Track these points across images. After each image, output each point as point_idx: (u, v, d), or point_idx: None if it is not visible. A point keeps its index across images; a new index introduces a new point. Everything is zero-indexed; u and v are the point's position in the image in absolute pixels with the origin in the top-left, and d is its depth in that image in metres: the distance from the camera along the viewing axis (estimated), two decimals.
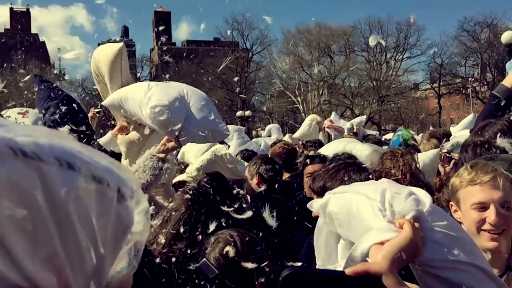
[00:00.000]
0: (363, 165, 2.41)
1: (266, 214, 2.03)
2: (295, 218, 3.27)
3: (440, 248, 1.07)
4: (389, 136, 8.56)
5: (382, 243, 1.03)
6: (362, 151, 3.88)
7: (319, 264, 1.35)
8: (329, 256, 1.35)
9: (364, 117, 9.13)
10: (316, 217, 1.40)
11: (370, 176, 2.27)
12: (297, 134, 8.02)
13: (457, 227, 1.17)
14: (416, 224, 1.05)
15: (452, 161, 4.25)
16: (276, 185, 3.39)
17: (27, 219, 0.35)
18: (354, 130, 7.26)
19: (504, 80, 2.91)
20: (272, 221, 1.99)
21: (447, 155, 4.44)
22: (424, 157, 3.73)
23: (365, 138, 6.43)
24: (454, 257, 1.07)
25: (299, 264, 1.69)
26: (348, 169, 2.30)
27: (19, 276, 0.36)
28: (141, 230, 0.48)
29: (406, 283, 0.95)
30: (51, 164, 0.36)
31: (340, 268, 1.29)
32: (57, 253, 0.38)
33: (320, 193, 2.22)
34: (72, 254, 0.39)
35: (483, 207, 1.78)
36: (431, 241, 1.07)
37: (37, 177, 0.35)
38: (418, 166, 2.94)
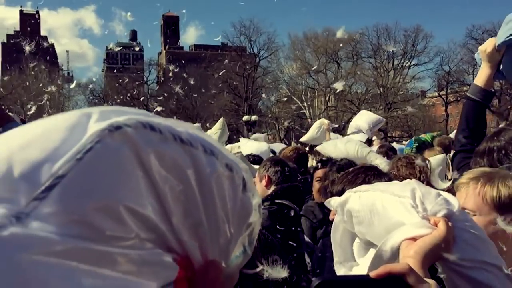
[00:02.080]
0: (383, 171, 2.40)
1: None
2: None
3: (469, 248, 1.09)
4: (396, 145, 8.47)
5: (413, 239, 1.05)
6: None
7: (336, 261, 1.37)
8: (344, 253, 1.36)
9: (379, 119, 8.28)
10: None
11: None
12: (304, 138, 8.04)
13: (481, 230, 1.18)
14: (449, 224, 1.07)
15: None
16: (282, 189, 3.35)
17: (181, 191, 0.40)
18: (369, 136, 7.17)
19: (475, 79, 2.79)
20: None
21: None
22: (432, 162, 3.70)
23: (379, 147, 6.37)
24: (481, 257, 1.09)
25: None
26: (368, 174, 2.29)
27: (175, 240, 0.41)
28: (256, 220, 0.52)
29: (427, 279, 0.96)
30: (199, 149, 0.43)
31: (356, 267, 1.31)
32: (202, 223, 0.43)
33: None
34: (212, 227, 0.44)
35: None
36: (461, 240, 1.09)
37: (189, 159, 0.41)
38: (429, 173, 2.92)
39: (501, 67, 2.65)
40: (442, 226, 1.06)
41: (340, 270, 1.35)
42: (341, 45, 50.91)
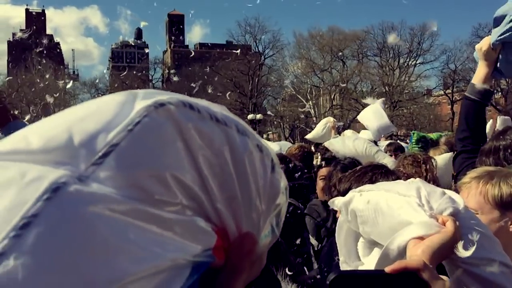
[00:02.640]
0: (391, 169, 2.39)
1: None
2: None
3: (475, 246, 1.09)
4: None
5: (421, 238, 1.05)
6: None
7: (341, 260, 1.37)
8: (349, 253, 1.36)
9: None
10: None
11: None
12: (309, 135, 8.05)
13: (486, 227, 1.19)
14: (457, 222, 1.07)
15: None
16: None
17: (217, 165, 0.43)
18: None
19: (473, 78, 2.74)
20: None
21: None
22: (437, 160, 3.68)
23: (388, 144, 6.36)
24: (487, 255, 1.10)
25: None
26: (375, 172, 2.29)
27: (213, 210, 0.44)
28: (283, 202, 0.54)
29: (441, 276, 0.96)
30: (233, 129, 0.46)
31: (361, 267, 1.32)
32: (237, 196, 0.46)
33: (345, 195, 2.22)
34: (245, 201, 0.47)
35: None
36: (467, 238, 1.09)
37: (224, 137, 0.44)
38: (435, 172, 2.91)
39: (498, 65, 2.63)
40: (450, 225, 1.06)
41: (346, 269, 1.35)
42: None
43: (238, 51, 50.21)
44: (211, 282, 0.44)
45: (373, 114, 7.59)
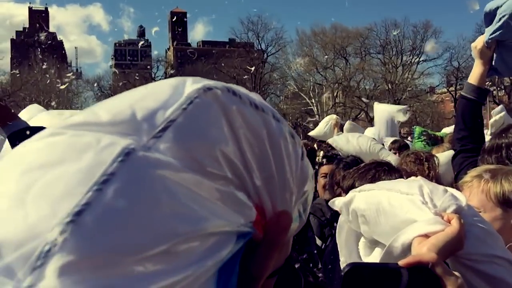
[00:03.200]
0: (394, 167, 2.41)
1: None
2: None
3: (479, 242, 1.10)
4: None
5: (426, 236, 1.05)
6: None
7: (342, 261, 1.36)
8: (350, 253, 1.36)
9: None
10: None
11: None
12: (313, 133, 8.08)
13: (489, 224, 1.19)
14: (462, 220, 1.07)
15: None
16: None
17: (257, 146, 0.47)
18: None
19: (469, 77, 2.74)
20: None
21: None
22: (440, 158, 3.68)
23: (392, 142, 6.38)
24: (491, 251, 1.10)
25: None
26: (378, 169, 2.30)
27: (253, 188, 0.47)
28: (310, 189, 0.56)
29: (454, 272, 0.97)
30: (269, 115, 0.50)
31: None
32: (273, 176, 0.49)
33: (349, 191, 2.23)
34: (280, 182, 0.50)
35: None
36: (471, 235, 1.09)
37: (262, 121, 0.48)
38: (438, 170, 2.91)
39: (493, 64, 2.63)
40: (456, 223, 1.06)
41: None
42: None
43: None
44: (250, 254, 0.46)
45: (385, 124, 7.67)
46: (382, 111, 8.29)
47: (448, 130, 7.26)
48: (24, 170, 0.37)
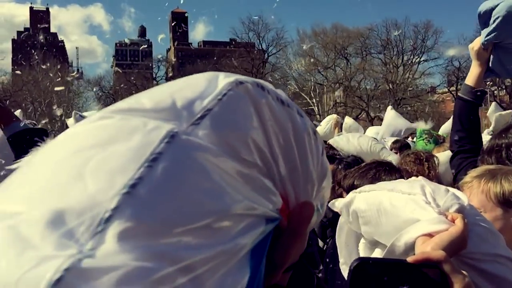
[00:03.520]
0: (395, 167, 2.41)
1: None
2: None
3: (482, 241, 1.10)
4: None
5: (429, 235, 1.05)
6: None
7: (342, 262, 1.35)
8: (350, 255, 1.36)
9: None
10: None
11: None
12: None
13: (490, 223, 1.20)
14: (465, 219, 1.07)
15: None
16: None
17: (282, 138, 0.49)
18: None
19: (466, 79, 2.76)
20: None
21: None
22: (440, 158, 3.68)
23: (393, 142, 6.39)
24: (493, 250, 1.10)
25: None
26: (379, 169, 2.30)
27: (279, 177, 0.49)
28: (327, 186, 0.59)
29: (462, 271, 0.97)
30: (294, 111, 0.52)
31: None
32: (297, 168, 0.51)
33: (350, 190, 2.24)
34: (303, 174, 0.52)
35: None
36: (474, 234, 1.09)
37: (287, 115, 0.51)
38: (438, 171, 2.91)
39: (490, 65, 2.64)
40: (460, 222, 1.06)
41: (346, 271, 1.34)
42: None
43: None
44: (273, 243, 0.48)
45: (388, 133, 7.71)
46: (393, 118, 8.31)
47: (445, 126, 7.29)
48: (79, 148, 0.41)
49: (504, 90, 48.35)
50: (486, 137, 3.03)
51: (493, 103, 7.08)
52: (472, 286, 0.97)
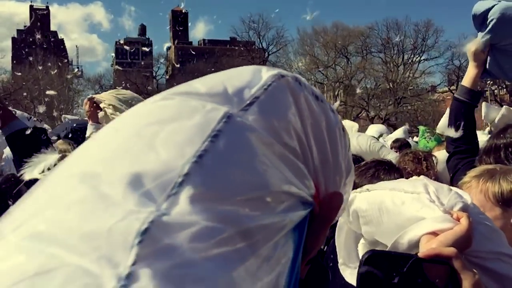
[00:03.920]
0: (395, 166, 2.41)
1: None
2: None
3: (486, 240, 1.10)
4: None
5: (434, 233, 1.05)
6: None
7: (341, 262, 1.35)
8: (349, 255, 1.35)
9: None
10: None
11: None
12: None
13: (492, 221, 1.20)
14: (470, 218, 1.07)
15: None
16: None
17: (317, 130, 0.53)
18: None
19: (463, 80, 2.80)
20: None
21: None
22: (439, 156, 3.68)
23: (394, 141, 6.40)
24: (497, 248, 1.10)
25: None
26: (378, 168, 2.30)
27: (312, 165, 0.52)
28: (351, 182, 0.62)
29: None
30: (327, 107, 0.56)
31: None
32: (328, 160, 0.54)
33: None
34: (334, 166, 0.56)
35: None
36: (478, 233, 1.09)
37: (321, 110, 0.54)
38: (436, 170, 2.92)
39: (487, 67, 2.65)
40: (465, 221, 1.05)
41: (345, 272, 1.33)
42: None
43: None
44: (308, 227, 0.51)
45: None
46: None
47: (442, 123, 7.29)
48: (146, 123, 0.45)
49: (505, 89, 48.30)
50: (482, 137, 3.05)
51: (484, 103, 7.03)
52: (481, 284, 0.97)
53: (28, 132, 2.37)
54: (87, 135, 4.03)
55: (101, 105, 3.69)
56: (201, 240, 0.37)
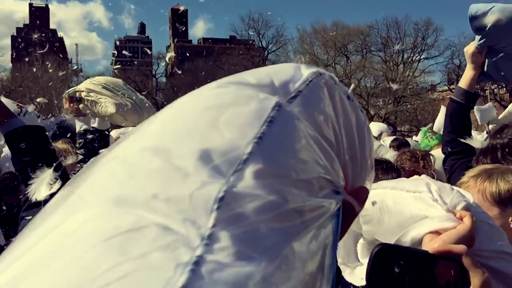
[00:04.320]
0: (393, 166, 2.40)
1: None
2: None
3: (488, 239, 1.10)
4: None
5: (437, 233, 1.05)
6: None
7: (340, 262, 1.34)
8: (348, 255, 1.35)
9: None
10: None
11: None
12: None
13: (494, 220, 1.19)
14: (473, 217, 1.07)
15: None
16: None
17: (348, 126, 0.56)
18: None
19: (460, 81, 2.82)
20: None
21: None
22: (438, 155, 3.69)
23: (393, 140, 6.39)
24: (499, 247, 1.10)
25: None
26: (376, 167, 2.29)
27: (343, 160, 0.54)
28: (371, 180, 0.64)
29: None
30: (357, 106, 0.59)
31: (360, 267, 1.29)
32: (357, 156, 0.57)
33: None
34: (361, 162, 0.58)
35: None
36: (481, 232, 1.09)
37: (352, 109, 0.57)
38: (433, 168, 2.92)
39: (485, 69, 2.66)
40: (468, 220, 1.05)
41: (345, 271, 1.33)
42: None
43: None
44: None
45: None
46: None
47: (438, 122, 7.26)
48: (206, 107, 0.48)
49: (504, 88, 48.30)
50: (477, 138, 3.06)
51: (475, 107, 6.96)
52: (490, 282, 0.97)
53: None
54: (77, 130, 4.10)
55: (77, 94, 3.76)
56: (265, 212, 0.40)
